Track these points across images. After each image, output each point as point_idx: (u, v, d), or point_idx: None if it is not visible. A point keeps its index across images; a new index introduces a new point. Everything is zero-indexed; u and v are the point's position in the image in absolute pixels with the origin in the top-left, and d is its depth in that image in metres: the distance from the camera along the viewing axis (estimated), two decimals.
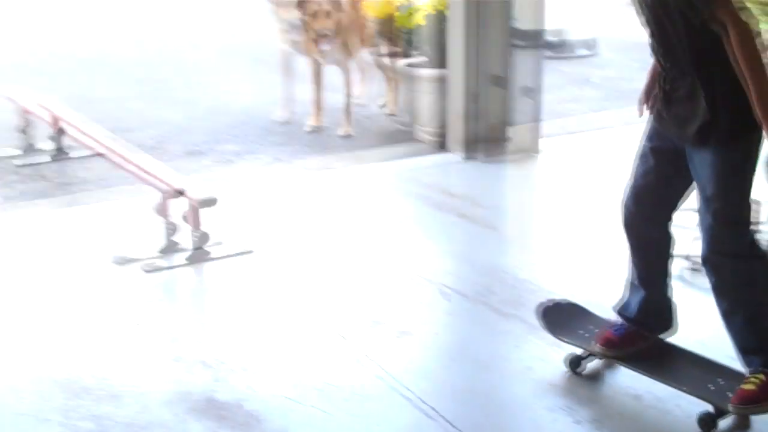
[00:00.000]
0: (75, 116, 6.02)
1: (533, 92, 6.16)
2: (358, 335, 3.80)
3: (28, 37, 10.25)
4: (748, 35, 2.88)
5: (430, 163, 6.09)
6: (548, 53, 6.69)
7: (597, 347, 3.47)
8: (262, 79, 8.64)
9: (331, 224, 5.02)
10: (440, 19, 6.46)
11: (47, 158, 6.22)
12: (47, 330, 3.86)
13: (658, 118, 3.19)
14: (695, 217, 3.14)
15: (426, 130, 6.66)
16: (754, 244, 3.15)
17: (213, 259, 4.57)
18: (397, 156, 6.37)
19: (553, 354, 3.59)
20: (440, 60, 6.43)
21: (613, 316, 3.53)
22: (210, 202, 4.57)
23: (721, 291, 3.18)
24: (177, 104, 7.70)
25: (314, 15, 6.71)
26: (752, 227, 3.15)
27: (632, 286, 3.47)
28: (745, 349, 3.18)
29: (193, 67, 9.18)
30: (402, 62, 6.95)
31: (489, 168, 5.98)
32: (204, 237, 4.58)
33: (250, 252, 4.64)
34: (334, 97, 7.13)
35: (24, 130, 6.27)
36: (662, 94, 3.14)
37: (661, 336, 3.48)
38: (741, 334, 3.18)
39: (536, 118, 6.23)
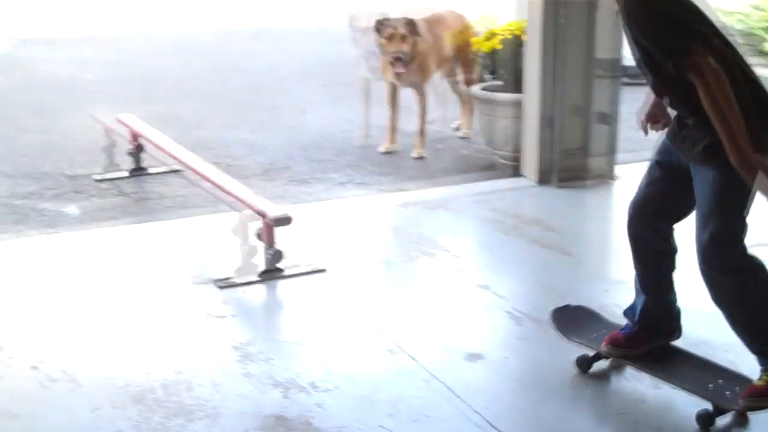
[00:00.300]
0: (154, 133, 6.11)
1: (610, 119, 6.11)
2: (428, 357, 3.79)
3: (114, 56, 10.46)
4: (716, 86, 2.92)
5: (504, 188, 6.07)
6: (625, 80, 6.65)
7: (604, 347, 3.63)
8: (337, 102, 8.72)
9: (403, 245, 5.03)
10: (517, 44, 6.46)
11: (125, 174, 6.32)
12: (121, 342, 3.92)
13: (671, 134, 3.30)
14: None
15: (500, 155, 6.65)
16: (747, 259, 3.22)
17: (286, 276, 4.60)
18: (470, 179, 6.38)
19: (624, 382, 3.55)
20: (516, 85, 6.43)
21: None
22: (285, 221, 4.61)
23: (717, 302, 3.28)
24: (253, 124, 7.79)
25: (390, 38, 6.76)
26: (746, 244, 3.21)
27: (636, 290, 3.62)
28: (752, 351, 3.31)
29: (270, 89, 9.27)
30: (477, 86, 6.96)
31: (563, 194, 5.95)
32: (278, 255, 4.61)
33: (323, 270, 4.67)
34: (410, 121, 7.16)
35: (107, 148, 6.37)
36: (675, 120, 3.26)
37: (666, 340, 3.63)
38: (743, 340, 3.31)
39: (612, 145, 6.18)
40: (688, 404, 3.33)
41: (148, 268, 4.70)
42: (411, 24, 6.79)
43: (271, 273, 4.60)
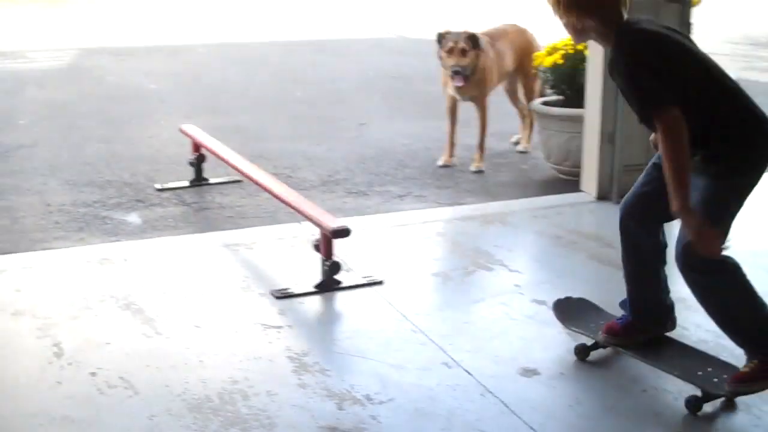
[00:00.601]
0: (215, 143, 6.17)
1: None
2: (483, 371, 3.79)
3: (179, 67, 10.58)
4: (674, 140, 3.21)
5: (562, 203, 6.05)
6: None
7: (601, 336, 3.85)
8: (397, 115, 8.75)
9: (460, 259, 5.03)
10: (579, 58, 6.44)
11: (186, 183, 6.40)
12: (178, 351, 3.96)
13: None
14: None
15: (559, 169, 6.64)
16: (723, 262, 3.41)
17: (343, 288, 4.62)
18: (529, 194, 6.37)
19: (681, 403, 3.51)
20: (577, 100, 6.41)
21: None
22: (342, 233, 4.63)
23: (701, 302, 3.54)
24: (313, 135, 7.84)
25: (450, 51, 6.76)
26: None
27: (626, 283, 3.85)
28: (737, 344, 3.56)
29: (330, 101, 9.32)
30: (538, 101, 6.94)
31: None
32: (335, 266, 4.64)
33: (380, 283, 4.68)
34: (468, 134, 7.17)
35: (193, 162, 6.45)
36: None
37: (660, 331, 3.84)
38: (727, 333, 3.56)
39: None
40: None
41: (206, 278, 4.75)
42: (472, 38, 6.79)
43: (329, 284, 4.62)
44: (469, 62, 6.75)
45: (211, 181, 6.47)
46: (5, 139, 7.60)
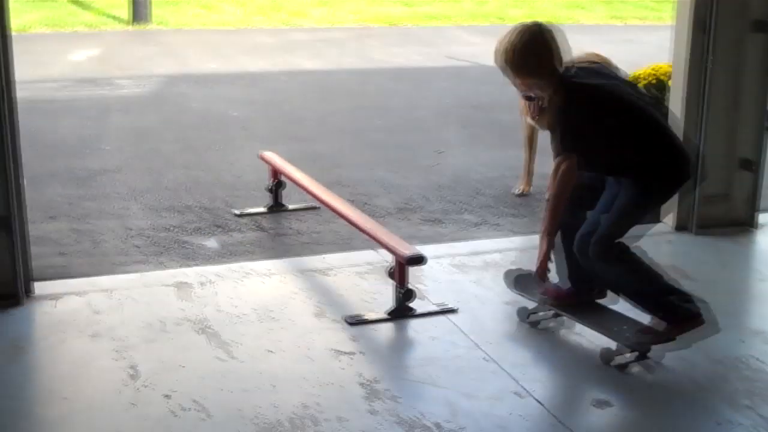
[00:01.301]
0: (293, 170, 6.23)
1: (754, 165, 5.96)
2: (555, 401, 3.77)
3: (260, 95, 10.72)
4: (564, 183, 4.02)
5: (639, 233, 5.93)
6: None
7: (541, 298, 4.54)
8: (474, 143, 8.74)
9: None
10: (660, 88, 6.39)
11: (263, 209, 6.47)
12: (251, 375, 4.01)
13: None
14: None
15: None
16: (624, 252, 4.14)
17: (416, 315, 4.63)
18: None
19: None
20: None
21: None
22: (417, 260, 4.64)
23: (606, 284, 4.37)
24: (390, 163, 7.87)
25: None
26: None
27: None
28: (644, 311, 4.27)
29: (408, 128, 9.35)
30: None
31: (701, 241, 5.82)
32: (408, 294, 4.64)
33: (453, 311, 4.68)
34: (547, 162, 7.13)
35: (271, 189, 6.52)
36: None
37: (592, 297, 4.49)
38: (634, 304, 4.30)
39: (755, 192, 6.02)
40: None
41: (281, 303, 4.79)
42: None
43: (402, 311, 4.63)
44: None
45: (289, 207, 6.53)
46: (90, 164, 7.77)
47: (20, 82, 4.86)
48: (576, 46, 5.29)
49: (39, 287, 4.92)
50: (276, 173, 6.44)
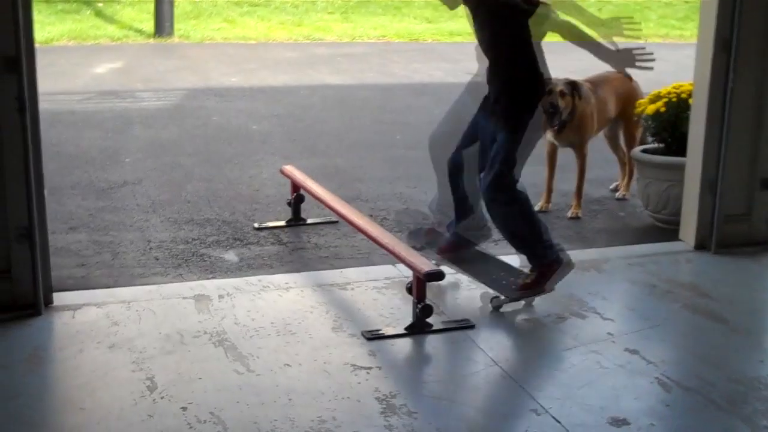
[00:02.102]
0: (313, 185, 6.25)
1: None
2: (572, 419, 3.75)
3: (281, 109, 10.76)
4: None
5: (660, 251, 5.96)
6: None
7: (426, 239, 5.49)
8: None
9: (552, 305, 4.99)
10: (682, 107, 6.38)
11: (283, 223, 6.48)
12: (267, 388, 4.01)
13: (486, 110, 5.04)
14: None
15: (657, 217, 6.55)
16: (514, 192, 4.83)
17: (434, 331, 4.63)
18: (626, 241, 6.30)
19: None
20: (678, 148, 6.34)
21: None
22: (436, 276, 4.64)
23: (499, 225, 5.01)
24: (410, 178, 7.87)
25: (549, 92, 6.71)
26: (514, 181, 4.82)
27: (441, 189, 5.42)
28: (523, 254, 5.07)
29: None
30: (638, 148, 6.88)
31: (721, 260, 5.80)
32: (427, 310, 4.64)
33: (471, 327, 4.68)
34: (568, 180, 7.13)
35: (291, 203, 6.54)
36: (490, 101, 5.00)
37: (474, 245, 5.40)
38: (516, 248, 5.09)
39: None
40: None
41: (299, 316, 4.80)
42: (573, 84, 6.75)
43: (420, 327, 4.63)
44: (566, 105, 6.70)
45: (308, 221, 6.54)
46: (111, 176, 7.81)
47: (43, 94, 4.89)
48: (599, 65, 5.31)
49: (58, 298, 4.95)
50: (296, 187, 6.45)
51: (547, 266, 4.92)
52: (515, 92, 4.86)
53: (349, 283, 5.31)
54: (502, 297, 4.91)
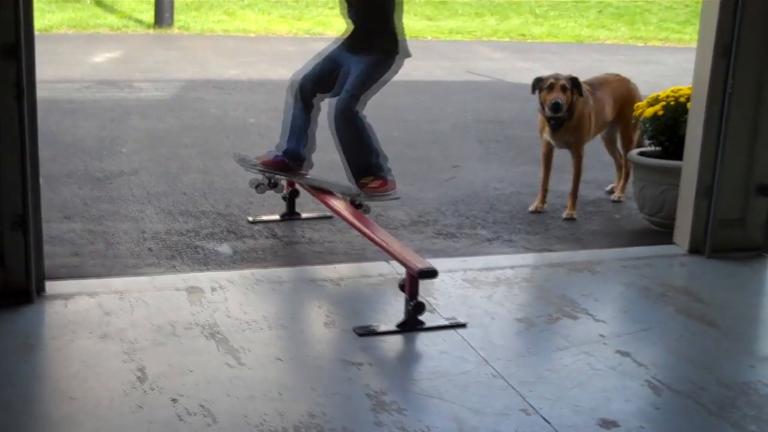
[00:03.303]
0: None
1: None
2: (562, 420, 3.75)
3: (279, 103, 10.72)
4: None
5: (653, 255, 5.97)
6: None
7: (253, 162, 6.30)
8: (491, 159, 8.74)
9: (545, 306, 5.00)
10: (680, 111, 6.38)
11: (277, 217, 6.48)
12: (258, 382, 4.01)
13: (348, 42, 5.98)
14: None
15: (652, 220, 6.56)
16: (358, 113, 5.85)
17: (425, 329, 4.63)
18: (620, 243, 6.31)
19: None
20: (674, 151, 6.35)
21: None
22: (429, 274, 4.64)
23: (341, 141, 5.94)
24: (406, 175, 7.87)
25: (550, 88, 6.70)
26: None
27: (290, 134, 6.17)
28: (354, 171, 5.99)
29: (426, 142, 9.36)
30: (635, 151, 6.88)
31: (715, 265, 5.81)
32: (419, 307, 4.64)
33: (463, 326, 4.68)
34: (564, 180, 7.14)
35: (286, 197, 6.60)
36: (352, 33, 5.97)
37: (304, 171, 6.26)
38: (350, 163, 5.99)
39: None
40: None
41: (292, 311, 4.80)
42: (574, 81, 6.74)
43: (411, 324, 4.63)
44: (567, 100, 6.69)
45: (303, 216, 6.54)
46: (107, 166, 7.80)
47: (41, 81, 4.89)
48: (597, 66, 5.30)
49: (51, 286, 4.95)
50: (291, 181, 6.45)
51: (383, 179, 5.94)
52: (370, 30, 5.93)
53: (343, 278, 5.31)
54: (354, 190, 5.90)
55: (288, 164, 6.19)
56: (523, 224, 6.63)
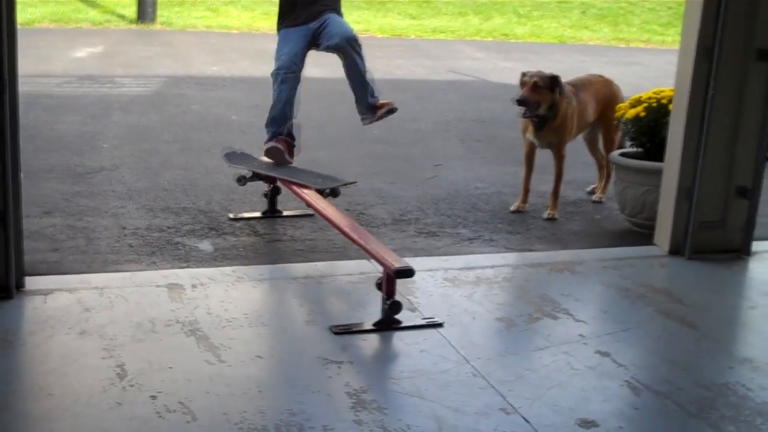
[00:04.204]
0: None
1: (750, 193, 5.97)
2: (541, 419, 3.76)
3: (260, 100, 10.71)
4: None
5: (634, 255, 5.99)
6: None
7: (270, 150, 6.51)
8: (473, 158, 8.75)
9: (525, 305, 5.01)
10: (662, 112, 6.40)
11: (258, 214, 6.47)
12: (238, 380, 4.00)
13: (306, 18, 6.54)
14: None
15: (633, 221, 6.58)
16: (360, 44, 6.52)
17: (402, 328, 4.63)
18: (601, 244, 6.32)
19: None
20: (656, 153, 6.37)
21: None
22: (406, 273, 4.64)
23: (351, 70, 6.56)
24: (388, 174, 7.88)
25: (522, 85, 6.71)
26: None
27: (283, 119, 6.53)
28: (367, 97, 6.71)
29: (408, 140, 9.36)
30: (616, 152, 6.90)
31: (695, 266, 5.83)
32: (396, 306, 4.64)
33: (440, 325, 4.68)
34: (546, 180, 7.15)
35: (267, 194, 6.65)
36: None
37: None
38: (362, 95, 6.71)
39: (751, 220, 6.04)
40: None
41: (272, 309, 4.80)
42: (551, 79, 6.72)
43: (388, 323, 4.63)
44: (538, 99, 6.67)
45: (284, 213, 6.53)
46: (88, 162, 7.77)
47: (22, 76, 4.86)
48: (579, 67, 5.31)
49: (30, 282, 4.92)
50: (273, 179, 6.44)
51: (384, 102, 6.78)
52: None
53: (324, 276, 5.31)
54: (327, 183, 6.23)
55: (292, 143, 6.66)
56: (504, 224, 6.64)
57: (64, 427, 3.58)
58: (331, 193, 6.14)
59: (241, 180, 6.51)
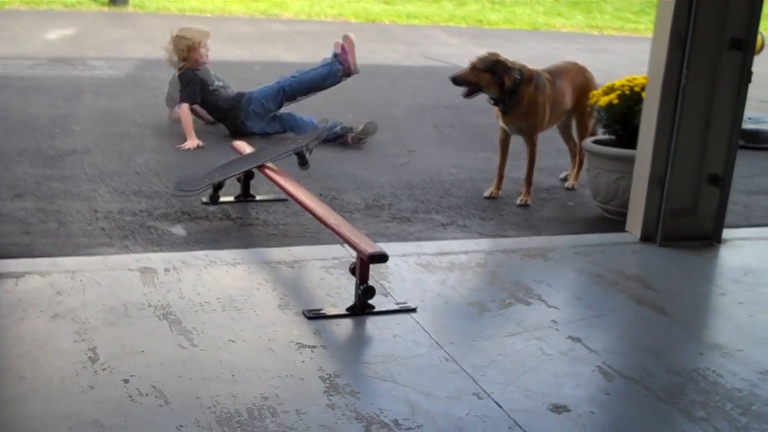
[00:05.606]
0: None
1: (721, 181, 6.02)
2: (513, 404, 3.78)
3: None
4: None
5: (606, 242, 6.02)
6: (741, 143, 6.56)
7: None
8: (446, 144, 8.76)
9: (497, 291, 5.02)
10: (634, 99, 6.43)
11: (232, 199, 6.45)
12: (211, 364, 3.99)
13: None
14: None
15: (605, 208, 6.61)
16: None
17: (375, 313, 4.63)
18: (573, 230, 6.34)
19: None
20: (628, 140, 6.40)
21: None
22: (379, 258, 4.64)
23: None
24: (362, 159, 7.88)
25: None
26: None
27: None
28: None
29: (382, 126, 9.34)
30: (589, 139, 6.92)
31: (666, 253, 5.87)
32: (369, 291, 4.64)
33: (413, 310, 4.69)
34: (520, 167, 7.16)
35: (240, 179, 6.55)
36: None
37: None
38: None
39: (722, 208, 6.08)
40: None
41: (245, 293, 4.78)
42: (494, 63, 6.72)
43: (361, 308, 4.63)
44: (474, 80, 6.72)
45: (258, 197, 6.51)
46: (59, 145, 7.72)
47: None
48: (553, 54, 5.32)
49: (1, 265, 4.90)
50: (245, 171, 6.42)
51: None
52: None
53: (297, 261, 5.30)
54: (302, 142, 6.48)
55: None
56: (477, 210, 6.66)
57: (35, 410, 3.56)
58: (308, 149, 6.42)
59: (214, 196, 6.30)
